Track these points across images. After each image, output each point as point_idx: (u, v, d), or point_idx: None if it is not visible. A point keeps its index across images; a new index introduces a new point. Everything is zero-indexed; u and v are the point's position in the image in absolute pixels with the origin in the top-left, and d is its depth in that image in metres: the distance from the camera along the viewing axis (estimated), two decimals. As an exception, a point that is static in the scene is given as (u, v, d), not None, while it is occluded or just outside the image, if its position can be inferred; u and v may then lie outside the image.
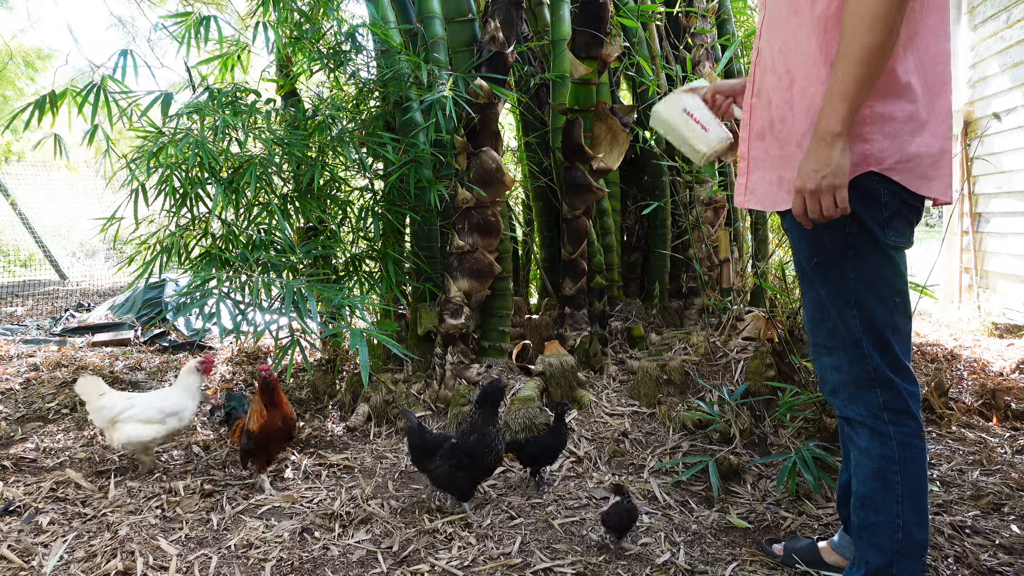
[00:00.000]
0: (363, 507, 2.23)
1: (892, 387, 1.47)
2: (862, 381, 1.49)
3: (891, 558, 1.50)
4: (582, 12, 3.27)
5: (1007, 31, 5.06)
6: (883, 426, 1.48)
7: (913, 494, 1.48)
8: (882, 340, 1.46)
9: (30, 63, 9.69)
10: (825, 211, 1.36)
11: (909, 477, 1.48)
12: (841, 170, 1.33)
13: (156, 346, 4.82)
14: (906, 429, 1.48)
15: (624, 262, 4.45)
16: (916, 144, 1.37)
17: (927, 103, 1.37)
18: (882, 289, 1.45)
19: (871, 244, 1.43)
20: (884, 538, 1.50)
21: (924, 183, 1.39)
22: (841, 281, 1.47)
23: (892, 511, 1.49)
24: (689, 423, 2.78)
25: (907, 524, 1.48)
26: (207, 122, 2.80)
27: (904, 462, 1.48)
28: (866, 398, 1.49)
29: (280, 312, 2.56)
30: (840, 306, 1.48)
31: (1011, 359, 3.91)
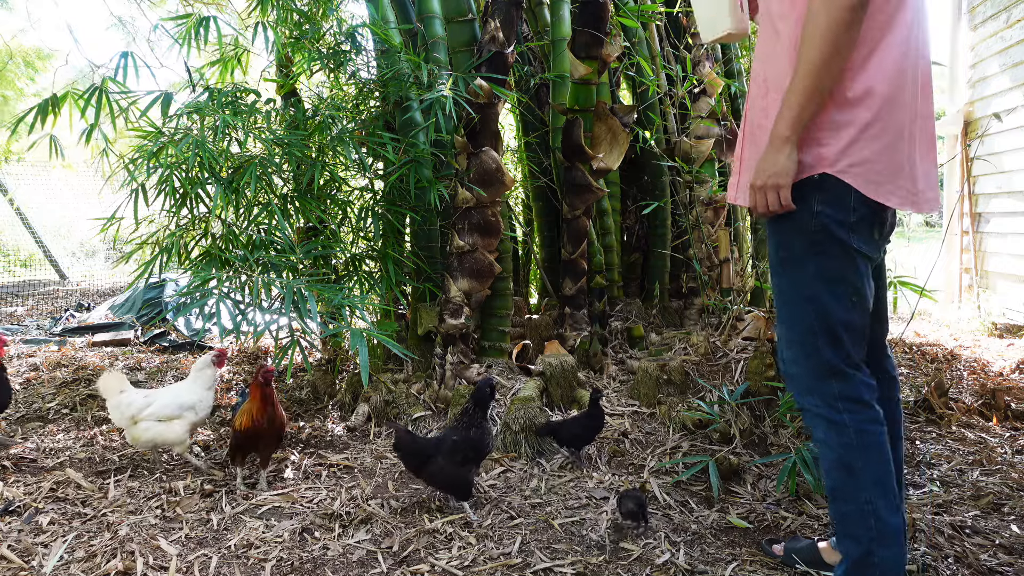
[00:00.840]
0: (363, 507, 2.23)
1: (846, 377, 1.54)
2: (817, 373, 1.56)
3: (869, 547, 1.52)
4: (582, 12, 3.27)
5: (1007, 31, 5.06)
6: (838, 415, 1.53)
7: (878, 478, 1.52)
8: (834, 336, 1.53)
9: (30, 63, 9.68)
10: (770, 206, 1.50)
11: (871, 463, 1.52)
12: (785, 171, 1.46)
13: (156, 346, 4.82)
14: (861, 416, 1.53)
15: (624, 262, 4.45)
16: (869, 150, 1.45)
17: (885, 114, 1.45)
18: (839, 287, 1.52)
19: (834, 243, 1.50)
20: (858, 527, 1.54)
21: (874, 187, 1.46)
22: (801, 276, 1.55)
23: (860, 498, 1.53)
24: (689, 423, 2.78)
25: (877, 510, 1.51)
26: (207, 122, 2.80)
27: (864, 448, 1.52)
28: (821, 389, 1.56)
29: (280, 312, 2.56)
30: (798, 300, 1.56)
31: (1011, 359, 3.91)
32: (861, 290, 1.53)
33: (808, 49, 1.40)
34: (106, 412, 3.23)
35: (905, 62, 1.46)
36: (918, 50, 1.49)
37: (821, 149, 1.48)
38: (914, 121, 1.49)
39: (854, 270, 1.52)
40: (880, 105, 1.44)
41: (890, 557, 1.52)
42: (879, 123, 1.45)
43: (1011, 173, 5.02)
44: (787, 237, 1.56)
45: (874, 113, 1.45)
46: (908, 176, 1.49)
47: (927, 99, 1.52)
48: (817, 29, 1.38)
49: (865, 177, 1.46)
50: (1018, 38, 4.91)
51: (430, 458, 2.18)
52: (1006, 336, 4.70)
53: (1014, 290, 5.03)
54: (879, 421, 1.54)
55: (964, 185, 5.59)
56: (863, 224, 1.50)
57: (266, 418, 2.37)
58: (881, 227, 1.55)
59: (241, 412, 2.39)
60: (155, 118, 2.79)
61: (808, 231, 1.51)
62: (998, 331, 4.81)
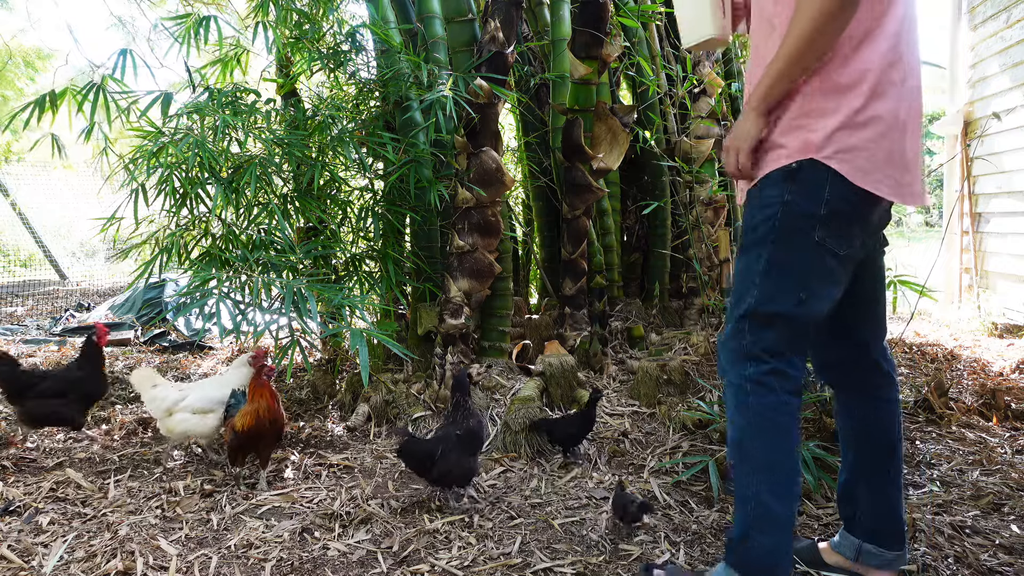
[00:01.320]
0: (363, 507, 2.23)
1: (759, 362, 1.52)
2: (738, 352, 1.56)
3: (746, 530, 1.51)
4: (582, 12, 3.27)
5: (1007, 31, 5.06)
6: (744, 396, 1.53)
7: (769, 466, 1.51)
8: (765, 325, 1.52)
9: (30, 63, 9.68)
10: (729, 167, 1.56)
11: (764, 448, 1.51)
12: (747, 135, 1.51)
13: (156, 346, 4.82)
14: (763, 400, 1.51)
15: (624, 262, 4.45)
16: (857, 137, 1.44)
17: (875, 101, 1.44)
18: (788, 280, 1.50)
19: (795, 235, 1.49)
20: (741, 507, 1.53)
21: (862, 175, 1.44)
22: (755, 260, 1.54)
23: (745, 481, 1.52)
24: (689, 423, 2.78)
25: (760, 495, 1.50)
26: (207, 122, 2.80)
27: (760, 431, 1.51)
28: (737, 368, 1.56)
29: (280, 312, 2.56)
30: (746, 282, 1.55)
31: (1011, 359, 3.91)
32: (815, 288, 1.50)
33: (793, 27, 1.40)
34: (105, 412, 3.23)
35: (897, 54, 1.45)
36: (909, 45, 1.48)
37: (809, 135, 1.46)
38: (907, 112, 1.47)
39: (811, 265, 1.49)
40: (870, 93, 1.43)
41: (768, 544, 1.50)
42: (869, 110, 1.44)
43: (1011, 173, 5.02)
44: (754, 221, 1.56)
45: (864, 100, 1.44)
46: (899, 166, 1.47)
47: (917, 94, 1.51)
48: (807, 12, 1.38)
49: (853, 164, 1.44)
50: (1018, 38, 4.91)
51: (438, 457, 2.19)
52: (1006, 336, 4.70)
53: (1014, 290, 5.03)
54: (781, 410, 1.52)
55: (964, 185, 5.59)
56: (836, 218, 1.47)
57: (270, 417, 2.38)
58: (863, 222, 1.51)
59: (243, 413, 2.38)
60: (155, 118, 2.79)
61: (772, 218, 1.50)
62: (998, 331, 4.81)
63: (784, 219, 1.49)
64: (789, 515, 1.53)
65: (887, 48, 1.45)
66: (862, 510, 1.72)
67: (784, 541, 1.52)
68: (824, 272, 1.50)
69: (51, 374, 2.85)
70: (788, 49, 1.42)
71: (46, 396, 2.69)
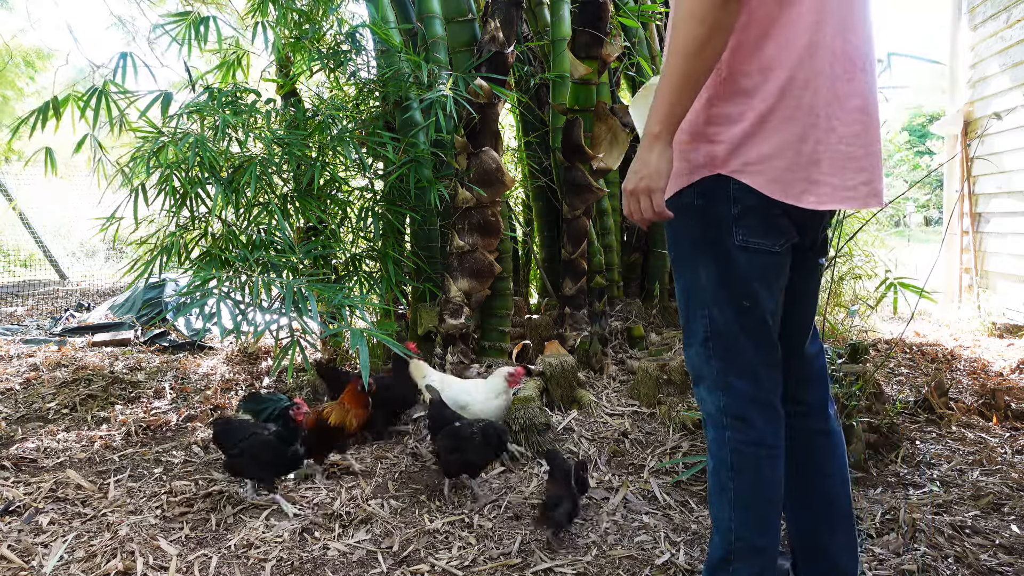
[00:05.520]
0: (363, 507, 2.23)
1: (732, 392, 1.40)
2: (707, 380, 1.43)
3: (724, 557, 1.43)
4: (582, 12, 3.27)
5: (1007, 31, 5.07)
6: (721, 430, 1.41)
7: (747, 503, 1.40)
8: (725, 343, 1.39)
9: (30, 63, 9.68)
10: (643, 212, 1.30)
11: (742, 485, 1.40)
12: (658, 173, 1.26)
13: (156, 346, 4.82)
14: (740, 436, 1.39)
15: (624, 262, 4.45)
16: (769, 144, 1.27)
17: (789, 101, 1.26)
18: (727, 290, 1.37)
19: (717, 242, 1.35)
20: (720, 536, 1.44)
21: (779, 187, 1.28)
22: (693, 278, 1.41)
23: (726, 515, 1.42)
24: (689, 423, 2.78)
25: (739, 528, 1.40)
26: (207, 122, 2.80)
27: (736, 470, 1.40)
28: (714, 398, 1.42)
29: (280, 312, 2.56)
30: (691, 304, 1.43)
31: (1011, 359, 3.91)
32: (753, 293, 1.36)
33: (676, 34, 1.21)
34: (106, 412, 3.24)
35: (814, 39, 1.26)
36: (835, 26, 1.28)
37: (713, 147, 1.31)
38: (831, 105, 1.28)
39: (742, 270, 1.35)
40: (780, 92, 1.26)
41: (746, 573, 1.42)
42: (781, 112, 1.26)
43: (1011, 173, 5.02)
44: (675, 236, 1.43)
45: (772, 102, 1.26)
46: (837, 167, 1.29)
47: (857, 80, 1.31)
48: (683, 10, 1.20)
49: (767, 176, 1.28)
50: (1018, 38, 4.91)
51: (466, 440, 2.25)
52: (1006, 336, 4.70)
53: (1014, 290, 5.03)
54: (761, 444, 1.39)
55: (964, 185, 5.59)
56: (751, 216, 1.31)
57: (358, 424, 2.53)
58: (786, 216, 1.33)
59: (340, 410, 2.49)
60: (155, 118, 2.79)
61: (691, 230, 1.37)
62: (998, 331, 4.81)
63: (701, 227, 1.36)
64: (773, 544, 1.43)
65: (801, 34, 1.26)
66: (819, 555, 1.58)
67: (767, 566, 1.43)
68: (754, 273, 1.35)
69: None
70: (674, 60, 1.22)
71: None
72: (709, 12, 1.18)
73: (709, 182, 1.33)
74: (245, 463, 2.26)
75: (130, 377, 3.80)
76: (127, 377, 3.79)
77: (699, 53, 1.21)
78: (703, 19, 1.18)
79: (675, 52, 1.22)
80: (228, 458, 2.30)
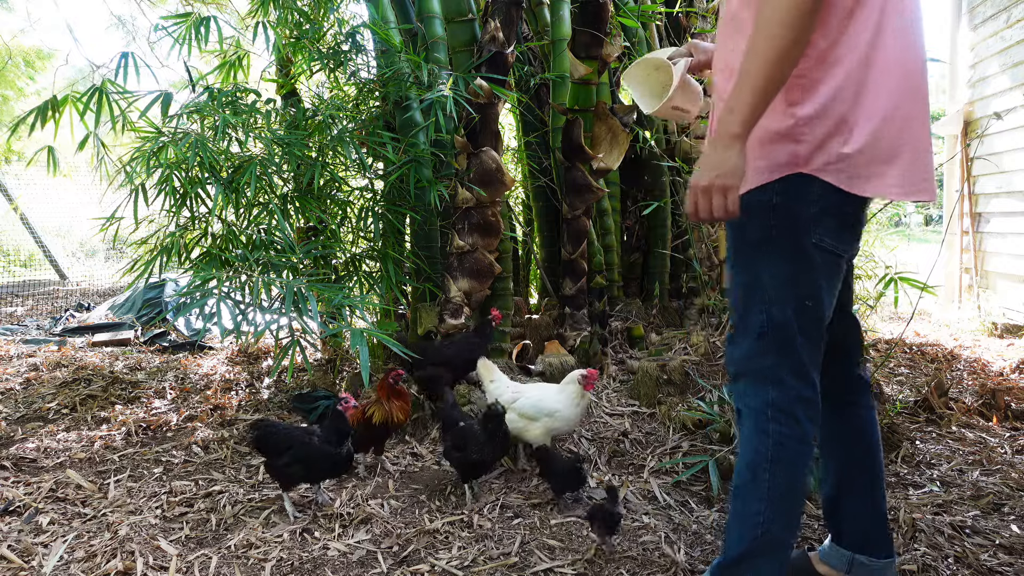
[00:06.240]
0: (363, 507, 2.24)
1: (783, 387, 1.44)
2: (756, 375, 1.47)
3: (745, 552, 1.46)
4: (582, 12, 3.27)
5: (1007, 31, 5.06)
6: (766, 423, 1.45)
7: (781, 496, 1.44)
8: (781, 340, 1.43)
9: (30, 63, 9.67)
10: (715, 211, 1.32)
11: (778, 478, 1.44)
12: (736, 171, 1.29)
13: (156, 346, 4.82)
14: (786, 430, 1.44)
15: (624, 262, 4.45)
16: (849, 145, 1.32)
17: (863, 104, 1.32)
18: (793, 288, 1.41)
19: (790, 240, 1.39)
20: (745, 531, 1.47)
21: (860, 182, 1.34)
22: (755, 273, 1.44)
23: (756, 507, 1.45)
24: (689, 423, 2.78)
25: (768, 522, 1.44)
26: (207, 122, 2.80)
27: (777, 461, 1.44)
28: (757, 392, 1.47)
29: (280, 312, 2.56)
30: (751, 298, 1.46)
31: (1011, 359, 3.91)
32: (818, 293, 1.41)
33: (761, 38, 1.24)
34: (106, 412, 3.24)
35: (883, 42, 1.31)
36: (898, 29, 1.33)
37: (796, 146, 1.34)
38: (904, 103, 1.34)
39: (812, 270, 1.40)
40: (860, 97, 1.31)
41: (771, 570, 1.46)
42: (861, 111, 1.32)
43: (1011, 173, 5.02)
44: (741, 232, 1.46)
45: (852, 102, 1.31)
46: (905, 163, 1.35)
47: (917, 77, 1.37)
48: (776, 13, 1.22)
49: (848, 173, 1.33)
50: (1018, 38, 4.91)
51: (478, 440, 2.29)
52: (1006, 336, 4.70)
53: (1014, 290, 5.03)
54: (804, 440, 1.45)
55: (964, 185, 5.59)
56: (828, 216, 1.37)
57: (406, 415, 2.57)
58: (857, 218, 1.42)
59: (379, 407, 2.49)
60: (155, 118, 2.79)
61: (766, 226, 1.39)
62: (998, 331, 4.81)
63: (777, 224, 1.39)
64: (793, 540, 1.50)
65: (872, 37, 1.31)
66: (849, 521, 1.69)
67: (785, 560, 1.49)
68: (821, 276, 1.42)
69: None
70: (758, 64, 1.25)
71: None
72: (797, 19, 1.22)
73: (791, 180, 1.36)
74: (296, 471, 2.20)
75: (130, 377, 3.80)
76: (127, 377, 3.79)
77: (785, 58, 1.24)
78: (792, 25, 1.22)
79: (760, 56, 1.25)
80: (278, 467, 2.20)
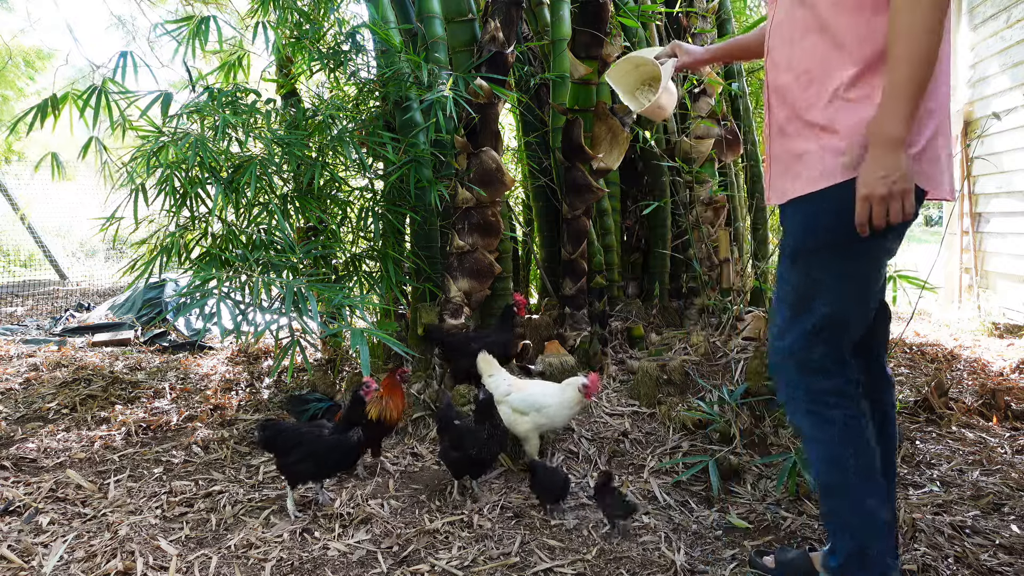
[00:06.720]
0: (363, 507, 2.24)
1: (833, 374, 1.51)
2: (807, 368, 1.53)
3: (863, 540, 1.51)
4: (582, 12, 3.27)
5: (1007, 31, 5.06)
6: (828, 411, 1.51)
7: (867, 472, 1.51)
8: (836, 332, 1.50)
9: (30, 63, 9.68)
10: (893, 216, 1.35)
11: (859, 456, 1.50)
12: (909, 174, 1.33)
13: (156, 346, 4.82)
14: (848, 410, 1.50)
15: (624, 262, 4.45)
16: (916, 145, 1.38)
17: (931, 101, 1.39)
18: (857, 284, 1.48)
19: (869, 242, 1.42)
20: (852, 521, 1.52)
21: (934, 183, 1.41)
22: (820, 270, 1.49)
23: (852, 494, 1.51)
24: (689, 423, 2.78)
25: (866, 502, 1.50)
26: (207, 122, 2.80)
27: (851, 442, 1.50)
28: (810, 384, 1.53)
29: (280, 312, 2.56)
30: (810, 294, 1.51)
31: (1011, 359, 3.91)
32: (874, 288, 1.50)
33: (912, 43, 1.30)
34: (106, 412, 3.24)
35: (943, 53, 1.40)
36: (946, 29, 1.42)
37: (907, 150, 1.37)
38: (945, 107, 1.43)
39: (878, 268, 1.48)
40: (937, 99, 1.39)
41: (883, 550, 1.51)
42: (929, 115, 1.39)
43: (1011, 173, 5.02)
44: (814, 229, 1.48)
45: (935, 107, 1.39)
46: (946, 165, 1.44)
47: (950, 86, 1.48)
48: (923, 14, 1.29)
49: (926, 174, 1.40)
50: (1018, 38, 4.91)
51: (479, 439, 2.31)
52: (1006, 336, 4.70)
53: (1014, 290, 5.03)
54: (864, 415, 1.53)
55: (964, 185, 5.59)
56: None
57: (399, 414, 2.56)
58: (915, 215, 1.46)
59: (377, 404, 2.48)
60: (155, 118, 2.79)
61: (837, 225, 1.43)
62: (998, 331, 4.81)
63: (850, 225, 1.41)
64: (892, 519, 1.55)
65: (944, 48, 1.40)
66: None
67: (893, 544, 1.53)
68: (882, 273, 1.51)
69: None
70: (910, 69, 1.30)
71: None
72: (939, 24, 1.31)
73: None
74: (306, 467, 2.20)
75: (130, 377, 3.80)
76: (127, 377, 3.79)
77: (931, 60, 1.32)
78: (935, 30, 1.31)
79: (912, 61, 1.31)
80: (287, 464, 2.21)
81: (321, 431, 2.23)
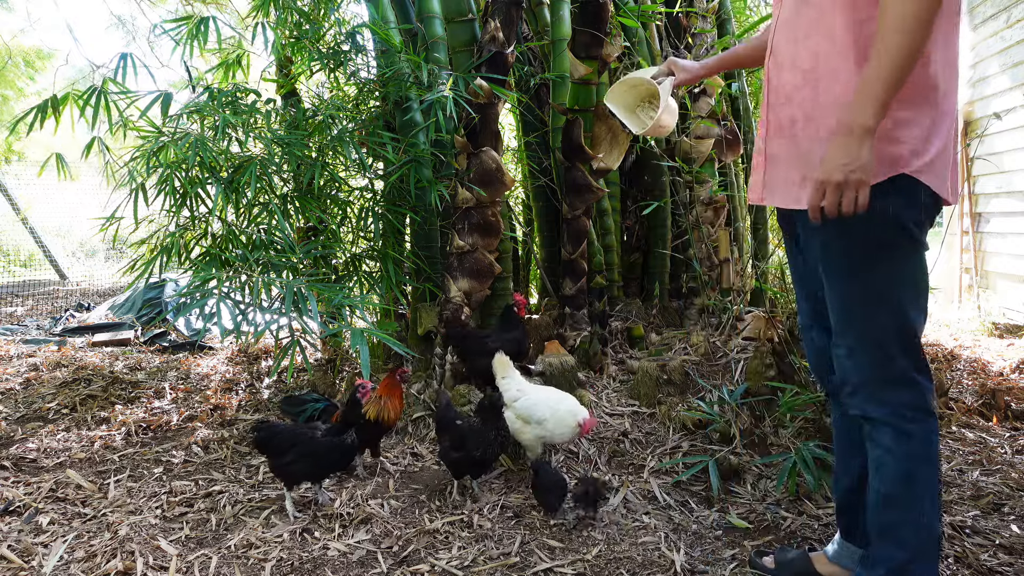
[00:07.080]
0: (363, 507, 2.24)
1: (916, 386, 1.47)
2: (887, 381, 1.48)
3: (913, 554, 1.48)
4: (582, 12, 3.27)
5: (1007, 31, 5.06)
6: (907, 424, 1.47)
7: (934, 489, 1.49)
8: (910, 341, 1.46)
9: (30, 63, 9.68)
10: (845, 206, 1.33)
11: (931, 474, 1.48)
12: (869, 165, 1.31)
13: (156, 346, 4.82)
14: (927, 426, 1.48)
15: (624, 262, 4.44)
16: (935, 147, 1.38)
17: (944, 107, 1.39)
18: (912, 290, 1.46)
19: (909, 245, 1.43)
20: (908, 535, 1.49)
21: (943, 185, 1.41)
22: (874, 280, 1.45)
23: (917, 508, 1.48)
24: (689, 423, 2.78)
25: (929, 519, 1.48)
26: (207, 122, 2.80)
27: (927, 459, 1.48)
28: (890, 398, 1.48)
29: (280, 312, 2.56)
30: (870, 305, 1.47)
31: (1011, 359, 3.90)
32: (926, 292, 1.49)
33: (895, 38, 1.28)
34: (106, 412, 3.24)
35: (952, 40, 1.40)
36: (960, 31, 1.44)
37: (897, 148, 1.38)
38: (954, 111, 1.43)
39: (924, 270, 1.48)
40: (942, 98, 1.38)
41: (926, 571, 1.49)
42: (945, 118, 1.39)
43: (1011, 173, 5.02)
44: (857, 239, 1.44)
45: (939, 107, 1.38)
46: (954, 168, 1.45)
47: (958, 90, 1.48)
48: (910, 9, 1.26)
49: (934, 174, 1.39)
50: (1018, 38, 4.91)
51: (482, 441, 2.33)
52: (1006, 336, 4.69)
53: (1014, 290, 5.03)
54: (937, 431, 1.51)
55: (964, 185, 5.59)
56: (928, 219, 1.44)
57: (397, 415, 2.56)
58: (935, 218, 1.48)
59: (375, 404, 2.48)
60: (155, 118, 2.79)
61: (884, 232, 1.41)
62: (998, 331, 4.81)
63: (894, 229, 1.41)
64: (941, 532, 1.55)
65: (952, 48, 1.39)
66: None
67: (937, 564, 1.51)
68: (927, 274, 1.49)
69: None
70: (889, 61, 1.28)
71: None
72: (927, 20, 1.27)
73: (898, 182, 1.38)
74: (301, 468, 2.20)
75: (130, 377, 3.80)
76: (127, 377, 3.79)
77: (912, 57, 1.28)
78: (926, 22, 1.27)
79: (891, 53, 1.28)
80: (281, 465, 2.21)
81: (315, 433, 2.22)
